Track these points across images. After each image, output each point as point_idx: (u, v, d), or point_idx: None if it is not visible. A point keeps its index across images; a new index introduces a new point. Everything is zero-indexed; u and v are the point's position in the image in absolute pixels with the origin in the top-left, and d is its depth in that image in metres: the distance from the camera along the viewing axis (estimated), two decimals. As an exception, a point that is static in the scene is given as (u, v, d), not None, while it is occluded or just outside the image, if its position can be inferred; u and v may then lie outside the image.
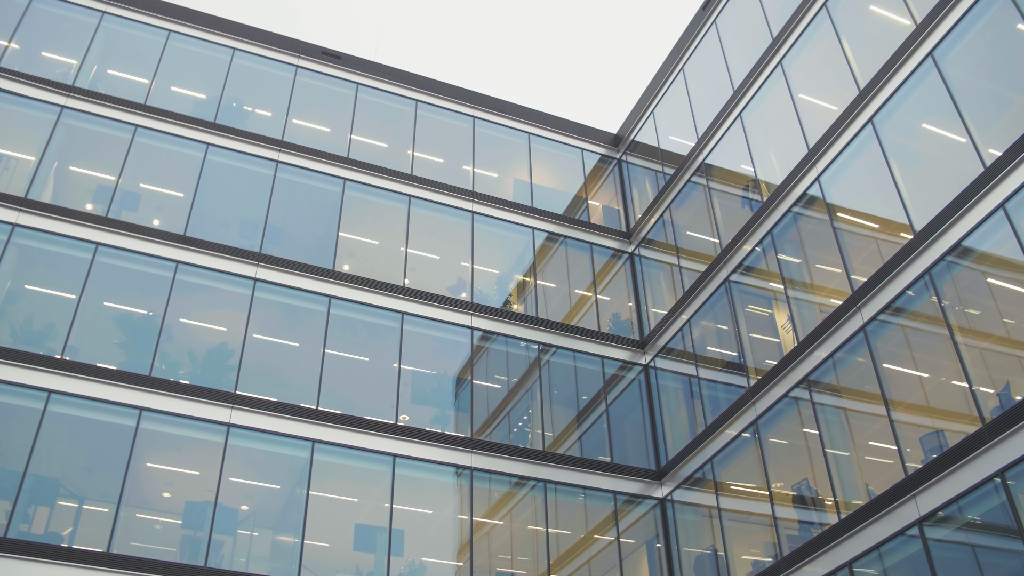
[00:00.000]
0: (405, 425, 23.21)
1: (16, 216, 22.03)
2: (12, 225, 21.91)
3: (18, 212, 22.12)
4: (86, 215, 22.91)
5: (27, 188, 22.66)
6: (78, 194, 24.36)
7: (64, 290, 21.97)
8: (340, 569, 21.57)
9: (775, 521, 21.32)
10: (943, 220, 17.96)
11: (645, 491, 25.23)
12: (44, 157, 23.63)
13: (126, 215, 23.66)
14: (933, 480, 16.90)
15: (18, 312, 21.63)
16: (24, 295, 22.26)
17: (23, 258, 22.22)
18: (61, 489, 20.13)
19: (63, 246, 22.32)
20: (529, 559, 24.65)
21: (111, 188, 23.86)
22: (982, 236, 17.25)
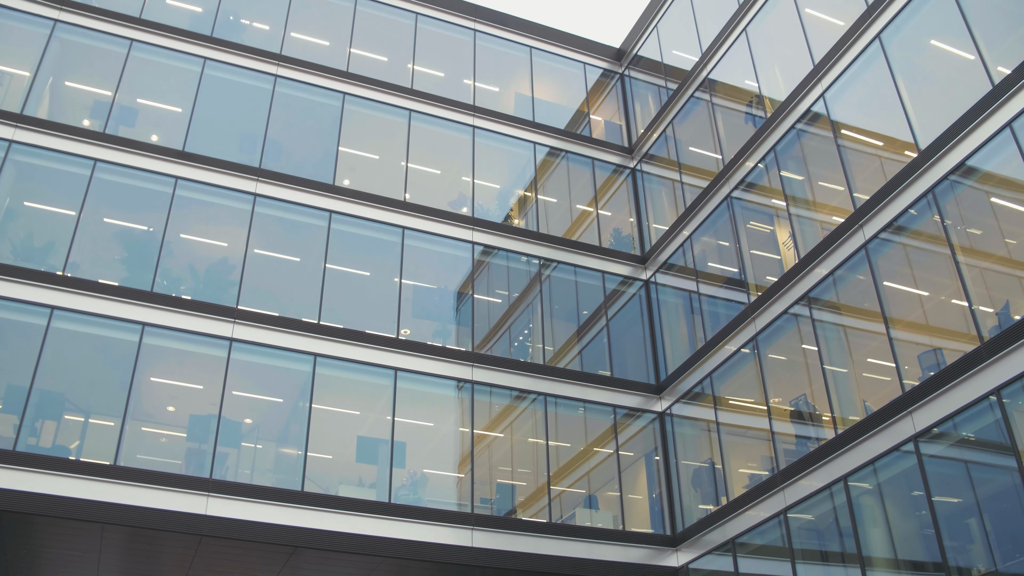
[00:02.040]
0: (406, 339, 23.35)
1: (12, 132, 21.85)
2: (9, 142, 21.74)
3: (14, 128, 21.93)
4: (83, 131, 22.72)
5: (23, 104, 22.43)
6: (75, 110, 24.13)
7: (63, 207, 21.90)
8: (343, 480, 21.87)
9: (772, 436, 21.58)
10: (948, 138, 17.82)
11: (644, 405, 25.49)
12: (39, 72, 23.33)
13: (124, 131, 23.45)
14: (929, 397, 17.08)
15: (18, 229, 21.60)
16: (23, 212, 22.21)
17: (21, 175, 22.11)
18: (67, 404, 20.35)
19: (61, 162, 22.18)
20: (529, 471, 25.00)
21: (108, 104, 23.62)
22: (987, 155, 17.14)
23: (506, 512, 23.86)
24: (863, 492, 18.84)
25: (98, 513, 18.28)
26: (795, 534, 20.25)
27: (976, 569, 16.76)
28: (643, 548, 23.24)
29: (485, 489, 23.79)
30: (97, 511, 18.27)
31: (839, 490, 19.06)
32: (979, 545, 16.76)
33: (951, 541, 16.64)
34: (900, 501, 18.53)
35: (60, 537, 19.33)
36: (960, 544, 16.88)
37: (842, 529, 19.10)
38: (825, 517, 19.76)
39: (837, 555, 19.45)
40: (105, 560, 20.56)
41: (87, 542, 19.49)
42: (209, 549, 19.96)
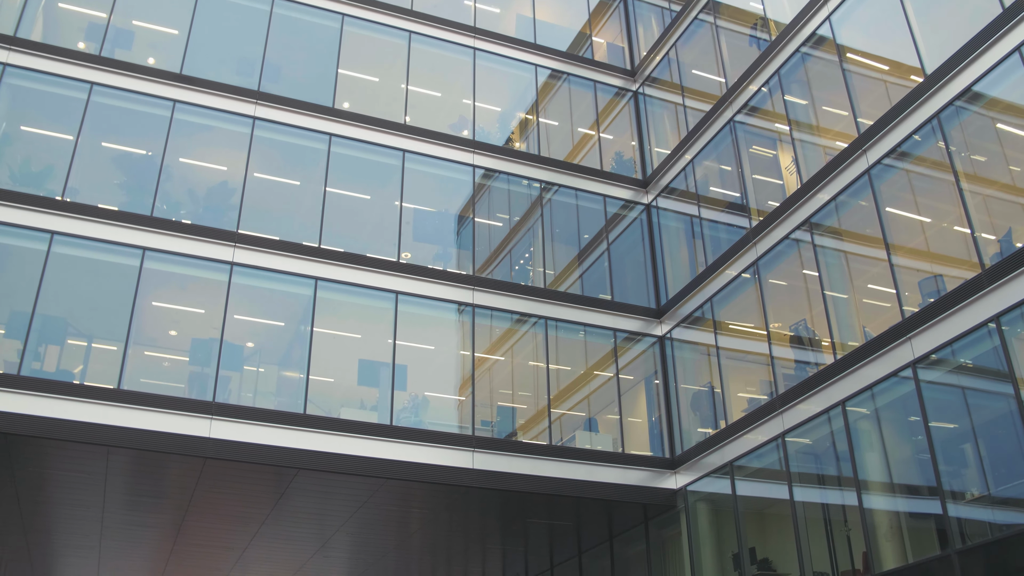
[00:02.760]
0: (407, 263, 23.34)
1: (6, 55, 21.55)
2: (3, 65, 21.46)
3: (8, 51, 21.62)
4: (79, 54, 22.42)
5: (15, 26, 22.08)
6: (69, 32, 23.77)
7: (61, 131, 21.70)
8: (345, 403, 22.05)
9: (772, 360, 21.70)
10: (955, 63, 17.59)
11: (644, 329, 25.59)
12: (31, -8, 23.01)
13: (120, 54, 23.12)
14: (929, 324, 17.12)
15: (15, 154, 21.44)
16: (20, 136, 22.01)
17: (16, 99, 21.88)
18: (69, 328, 20.42)
19: (57, 86, 21.92)
20: (530, 394, 25.21)
21: (103, 26, 23.26)
22: (994, 80, 16.92)
23: (507, 434, 24.11)
24: (861, 417, 19.01)
25: (103, 436, 18.48)
26: (793, 458, 20.49)
27: (970, 493, 16.98)
28: (642, 470, 23.52)
29: (486, 412, 24.00)
30: (102, 434, 18.47)
31: (837, 415, 19.23)
32: (973, 470, 16.97)
33: (946, 466, 16.84)
34: (897, 426, 18.71)
35: (67, 460, 19.56)
36: (955, 469, 17.09)
37: (839, 453, 19.31)
38: (823, 441, 19.97)
39: (834, 479, 19.71)
40: (111, 482, 20.84)
41: (93, 464, 19.74)
42: (213, 471, 20.22)
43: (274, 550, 26.52)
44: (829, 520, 19.99)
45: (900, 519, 18.26)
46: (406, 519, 24.44)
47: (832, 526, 19.83)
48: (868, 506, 18.32)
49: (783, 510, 20.54)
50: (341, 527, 24.45)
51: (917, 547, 17.73)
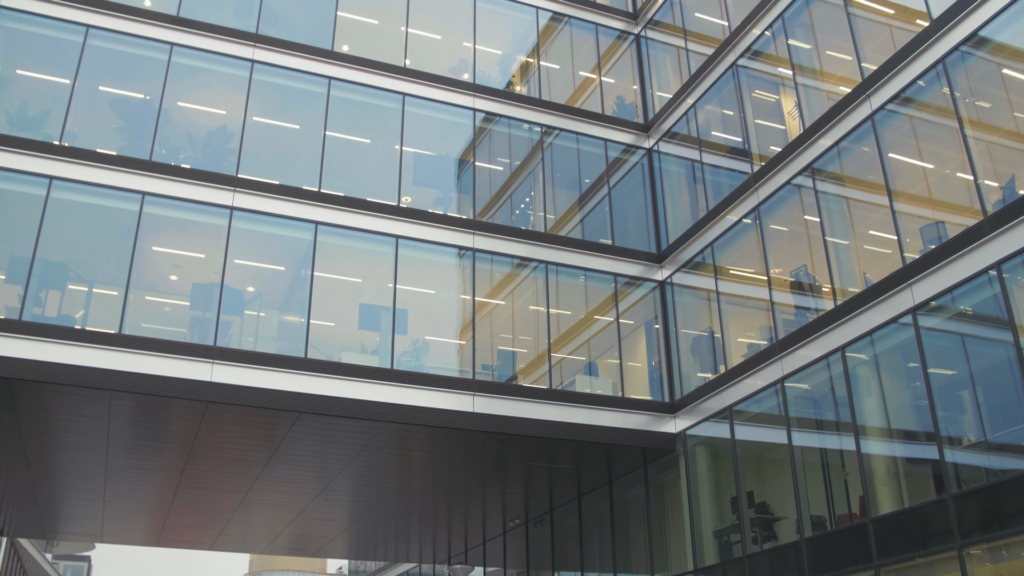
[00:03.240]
0: (407, 207, 23.27)
1: (2, -3, 21.32)
2: (-1, 6, 21.23)
3: (2, -8, 21.38)
4: (75, -6, 22.15)
5: (11, -32, 21.81)
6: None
7: (57, 75, 21.44)
8: (346, 347, 22.12)
9: (772, 305, 21.74)
10: (962, 7, 17.36)
11: (645, 273, 25.59)
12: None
13: (116, -6, 22.87)
14: (930, 270, 17.12)
15: (11, 98, 21.24)
16: (16, 80, 21.76)
17: (11, 42, 21.61)
18: (70, 274, 20.42)
19: (52, 29, 21.62)
20: (530, 338, 25.28)
21: (98, -33, 22.95)
22: (1001, 25, 16.72)
23: (507, 378, 24.22)
24: (860, 363, 19.09)
25: (105, 380, 18.56)
26: (791, 403, 20.61)
27: (967, 439, 17.11)
28: (642, 414, 23.67)
29: (486, 356, 24.09)
30: (104, 379, 18.55)
31: (836, 360, 19.31)
32: (971, 416, 17.07)
33: (944, 412, 16.95)
34: (896, 372, 18.79)
35: (69, 404, 19.67)
36: (952, 415, 17.19)
37: (838, 398, 19.42)
38: (821, 386, 20.08)
39: (832, 423, 19.83)
40: (114, 426, 20.98)
41: (96, 409, 19.86)
42: (215, 415, 20.35)
43: (276, 493, 26.78)
44: (827, 465, 20.16)
45: (897, 464, 18.41)
46: (407, 462, 24.63)
47: (830, 471, 20.01)
48: (866, 451, 18.47)
49: (781, 454, 20.70)
50: (342, 470, 24.67)
51: (914, 492, 17.90)
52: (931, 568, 17.09)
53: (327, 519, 30.70)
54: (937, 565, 16.86)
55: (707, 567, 22.46)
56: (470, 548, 35.54)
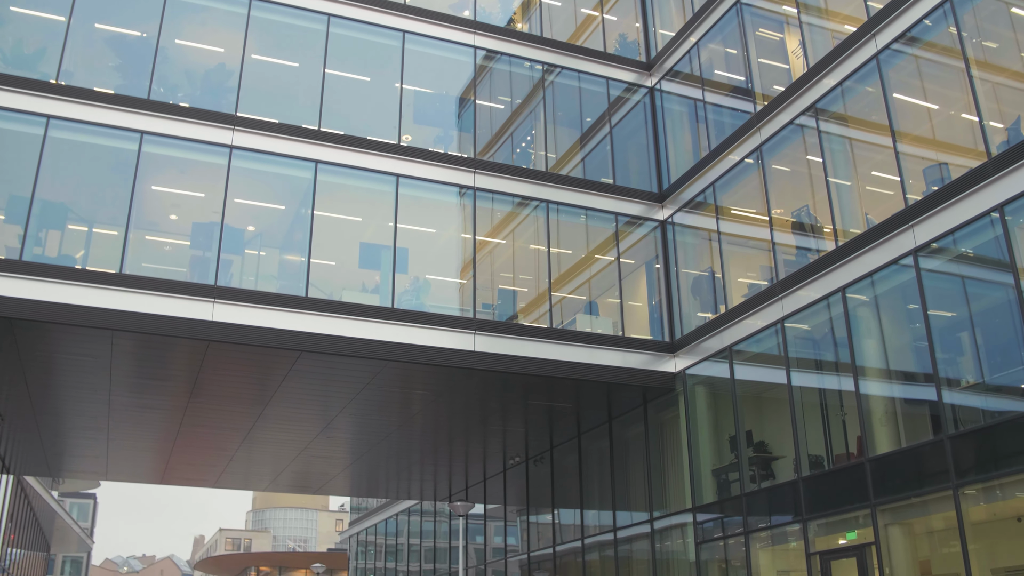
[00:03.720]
0: (408, 145, 23.12)
1: (-6, -69, 20.97)
2: (-9, -58, 20.90)
3: (-3, -75, 21.03)
4: (69, -73, 21.77)
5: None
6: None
7: (52, 11, 21.15)
8: (346, 286, 22.15)
9: (773, 246, 21.71)
10: (970, -57, 17.14)
11: (646, 213, 25.52)
12: None
13: (111, -73, 22.50)
14: (932, 212, 17.06)
15: (6, 36, 20.95)
16: (10, 18, 21.41)
17: (6, -23, 21.36)
18: (70, 214, 20.35)
19: (47, -35, 21.37)
20: (531, 278, 25.28)
21: (93, -99, 22.55)
22: (1009, -38, 16.53)
23: (507, 317, 24.28)
24: (860, 304, 19.11)
25: (107, 320, 18.60)
26: (791, 343, 20.68)
27: (965, 380, 17.20)
28: (642, 354, 23.77)
29: (487, 295, 24.12)
30: (106, 318, 18.59)
31: (836, 301, 19.33)
32: (969, 358, 17.14)
33: (943, 354, 17.01)
34: (896, 313, 18.82)
35: (72, 343, 19.73)
36: (951, 357, 17.26)
37: (837, 339, 19.48)
38: (821, 327, 20.12)
39: (831, 364, 19.92)
40: (117, 365, 21.07)
41: (98, 348, 19.92)
42: (217, 354, 20.42)
43: (278, 431, 26.99)
44: (825, 405, 20.29)
45: (895, 405, 18.53)
46: (408, 400, 24.79)
47: (828, 411, 20.14)
48: (864, 392, 18.57)
49: (780, 394, 20.82)
50: (344, 408, 24.83)
51: (911, 432, 18.04)
52: (926, 507, 17.30)
53: (329, 457, 30.98)
54: (932, 504, 17.06)
55: (705, 505, 22.71)
56: (471, 486, 35.93)
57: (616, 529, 26.12)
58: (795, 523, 19.91)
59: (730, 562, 21.91)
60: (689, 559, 23.10)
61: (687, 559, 23.27)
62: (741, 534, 21.30)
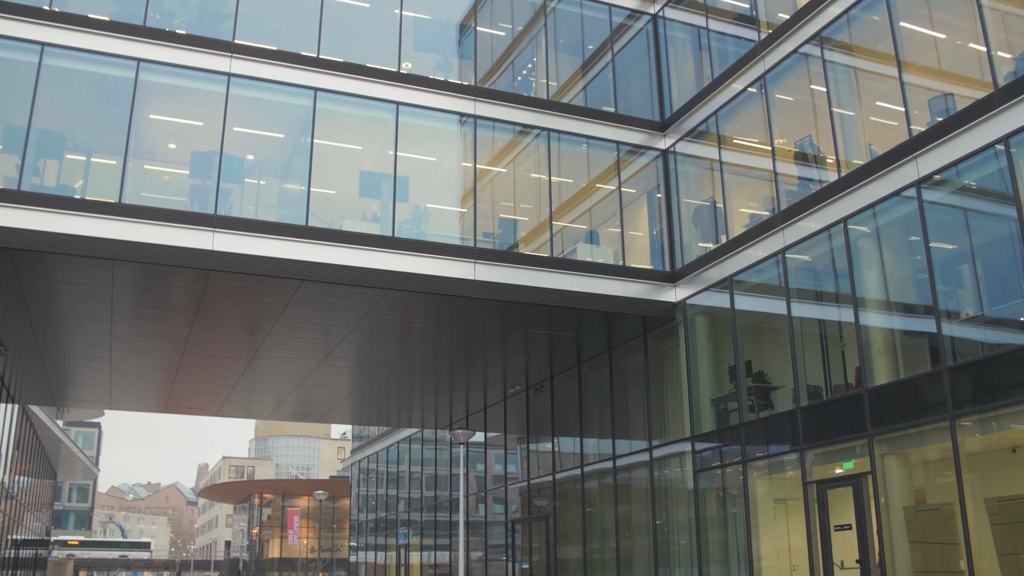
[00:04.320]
0: (407, 73, 22.86)
1: None
2: None
3: None
4: None
5: None
6: None
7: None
8: (347, 215, 22.09)
9: (775, 176, 21.58)
10: None
11: (648, 142, 25.34)
12: None
13: None
14: (936, 143, 16.93)
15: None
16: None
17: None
18: (67, 143, 20.21)
19: None
20: (531, 207, 25.21)
21: None
22: None
23: (508, 246, 24.26)
24: (861, 235, 19.06)
25: (107, 250, 18.57)
26: (792, 274, 20.68)
27: (965, 312, 17.22)
28: (642, 283, 23.79)
29: (487, 223, 24.07)
30: (106, 248, 18.56)
31: (838, 232, 19.28)
32: (969, 290, 17.15)
33: (943, 286, 17.01)
34: (897, 245, 18.79)
35: (72, 274, 19.72)
36: (951, 289, 17.27)
37: (838, 270, 19.47)
38: (822, 258, 20.10)
39: (831, 295, 19.93)
40: (118, 295, 21.10)
41: (99, 278, 19.92)
42: (217, 283, 20.44)
43: (280, 360, 27.13)
44: (825, 336, 20.36)
45: (894, 336, 18.59)
46: (409, 329, 24.86)
47: (827, 341, 20.22)
48: (864, 323, 18.61)
49: (780, 325, 20.88)
50: (345, 337, 24.93)
51: (909, 363, 18.13)
52: (922, 437, 17.45)
53: (330, 385, 31.19)
54: (929, 435, 17.21)
55: (704, 434, 22.92)
56: (471, 414, 36.24)
57: (615, 457, 26.39)
58: (792, 452, 20.11)
59: (728, 490, 22.17)
60: (687, 487, 23.38)
61: (685, 487, 23.55)
62: (739, 463, 21.52)
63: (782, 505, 21.12)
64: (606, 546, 26.82)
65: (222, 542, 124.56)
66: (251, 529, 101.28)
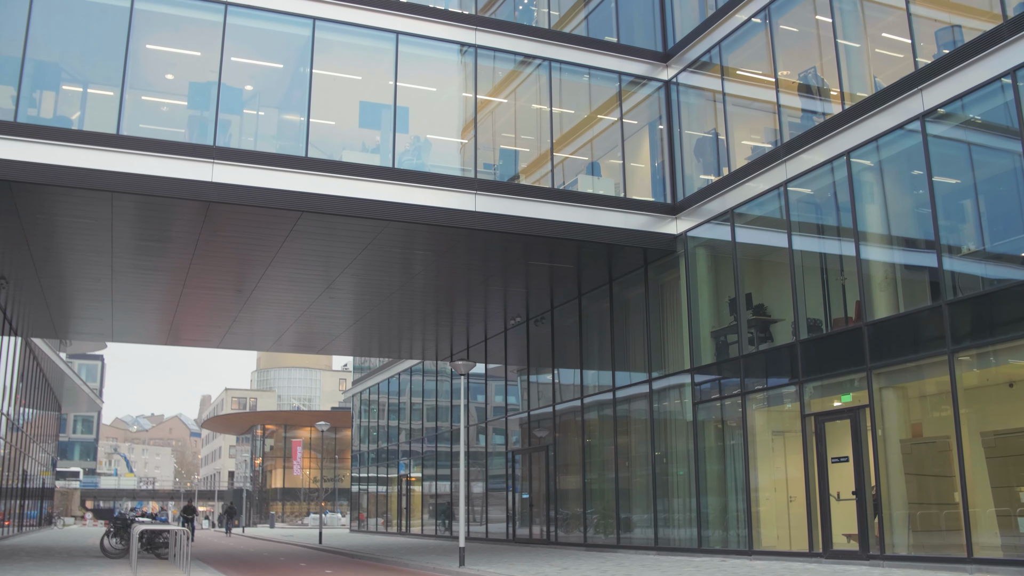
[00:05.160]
0: (407, 1, 22.53)
1: None
2: None
3: None
4: None
5: None
6: None
7: None
8: (346, 146, 21.97)
9: (778, 108, 21.39)
10: None
11: (650, 73, 25.07)
12: None
13: None
14: (942, 75, 16.74)
15: None
16: None
17: None
18: (63, 74, 20.00)
19: None
20: (532, 138, 25.07)
21: None
22: None
23: (509, 178, 24.18)
24: (864, 168, 18.96)
25: (106, 182, 18.48)
26: (793, 207, 20.59)
27: (966, 247, 17.18)
28: (643, 215, 23.73)
29: (488, 155, 23.96)
30: (105, 180, 18.46)
31: (840, 165, 19.17)
32: (971, 225, 17.09)
33: (945, 220, 16.93)
34: (900, 179, 18.68)
35: (72, 206, 19.64)
36: (953, 224, 17.20)
37: (840, 204, 19.39)
38: (824, 191, 20.01)
39: (833, 229, 19.88)
40: (118, 227, 21.04)
41: (98, 210, 19.86)
42: (217, 215, 20.38)
43: (281, 292, 27.16)
44: (825, 269, 20.34)
45: (895, 271, 18.58)
46: (409, 261, 24.85)
47: (828, 275, 20.21)
48: (865, 257, 18.59)
49: (781, 258, 20.86)
50: (345, 269, 24.92)
51: (909, 298, 18.14)
52: (920, 372, 17.53)
53: (331, 317, 31.26)
54: (927, 369, 17.28)
55: (703, 366, 23.02)
56: (472, 345, 36.38)
57: (615, 389, 26.55)
58: (791, 385, 20.21)
59: (726, 422, 22.33)
60: (686, 419, 23.56)
61: (684, 419, 23.72)
62: (738, 395, 21.65)
63: (780, 437, 21.29)
64: (605, 476, 27.11)
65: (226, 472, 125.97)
66: (254, 460, 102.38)
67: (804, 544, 19.39)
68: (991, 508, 15.98)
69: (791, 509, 20.26)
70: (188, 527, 34.71)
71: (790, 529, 20.28)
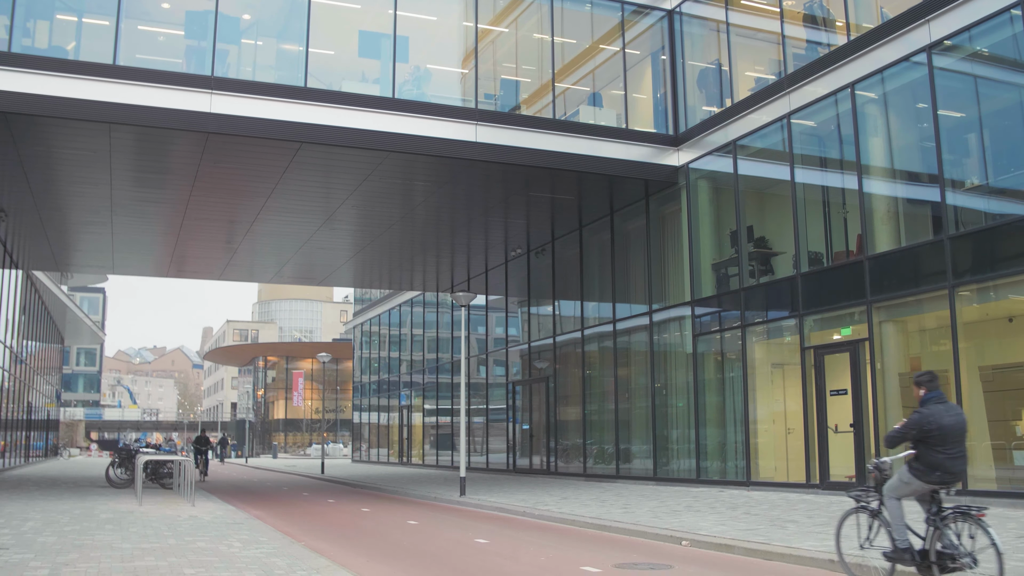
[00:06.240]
0: (407, -71, 22.16)
1: None
2: None
3: None
4: None
5: None
6: None
7: None
8: (346, 76, 21.77)
9: (783, 39, 21.12)
10: None
11: (653, 2, 24.71)
12: None
13: None
14: (949, 6, 16.46)
15: None
16: None
17: None
18: (57, 3, 19.70)
19: None
20: (534, 68, 24.82)
21: None
22: None
23: (510, 108, 23.99)
24: (868, 101, 18.77)
25: (103, 113, 18.31)
26: (796, 139, 20.42)
27: (969, 181, 17.06)
28: (645, 146, 23.56)
29: (489, 85, 23.73)
30: (102, 111, 18.29)
31: (845, 97, 18.97)
32: (975, 159, 16.96)
33: (949, 154, 16.80)
34: (904, 112, 18.51)
35: (70, 138, 19.49)
36: (957, 158, 17.08)
37: (843, 136, 19.23)
38: (828, 124, 19.83)
39: (836, 162, 19.73)
40: (116, 159, 20.90)
41: (97, 142, 19.70)
42: (216, 146, 20.22)
43: (281, 223, 27.06)
44: (827, 203, 20.23)
45: (898, 204, 18.49)
46: (410, 192, 24.74)
47: (830, 208, 20.10)
48: (867, 190, 18.49)
49: (783, 191, 20.75)
50: (346, 200, 24.81)
51: (911, 232, 18.07)
52: (920, 305, 17.52)
53: (332, 249, 31.20)
54: (927, 303, 17.28)
55: (704, 298, 23.04)
56: (472, 277, 36.39)
57: (615, 321, 26.61)
58: (791, 318, 20.24)
59: (726, 355, 22.41)
60: (686, 351, 23.64)
61: (684, 351, 23.80)
62: (738, 327, 21.70)
63: (779, 370, 21.38)
64: (605, 407, 27.30)
65: (228, 404, 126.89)
66: (256, 391, 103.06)
67: (801, 476, 19.58)
68: (987, 441, 16.10)
69: (789, 441, 20.41)
70: (202, 459, 34.72)
71: (788, 461, 20.46)
